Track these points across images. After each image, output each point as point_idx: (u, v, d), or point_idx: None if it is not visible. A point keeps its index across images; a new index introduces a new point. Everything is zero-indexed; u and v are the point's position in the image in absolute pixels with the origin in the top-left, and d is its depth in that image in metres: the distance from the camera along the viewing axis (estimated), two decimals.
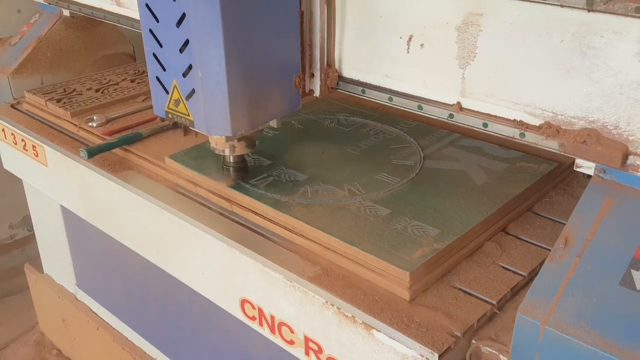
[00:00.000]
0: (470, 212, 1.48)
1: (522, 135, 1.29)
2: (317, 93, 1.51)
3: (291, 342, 1.42)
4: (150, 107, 2.13)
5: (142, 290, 2.07)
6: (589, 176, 1.23)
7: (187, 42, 1.30)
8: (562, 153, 1.25)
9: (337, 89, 1.54)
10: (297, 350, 1.42)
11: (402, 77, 1.46)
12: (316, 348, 1.36)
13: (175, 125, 1.97)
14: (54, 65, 2.47)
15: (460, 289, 1.31)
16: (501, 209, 1.51)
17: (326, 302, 1.30)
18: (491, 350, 1.21)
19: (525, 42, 1.24)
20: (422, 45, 1.39)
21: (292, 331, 1.41)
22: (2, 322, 3.02)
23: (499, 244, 1.46)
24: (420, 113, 1.45)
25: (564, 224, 1.51)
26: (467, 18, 1.30)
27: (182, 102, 1.37)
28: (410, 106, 1.46)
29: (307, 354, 1.39)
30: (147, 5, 1.37)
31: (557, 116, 1.23)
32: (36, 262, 2.69)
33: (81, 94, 2.22)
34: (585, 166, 1.23)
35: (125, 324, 2.25)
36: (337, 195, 1.56)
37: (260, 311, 1.47)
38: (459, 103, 1.37)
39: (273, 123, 1.51)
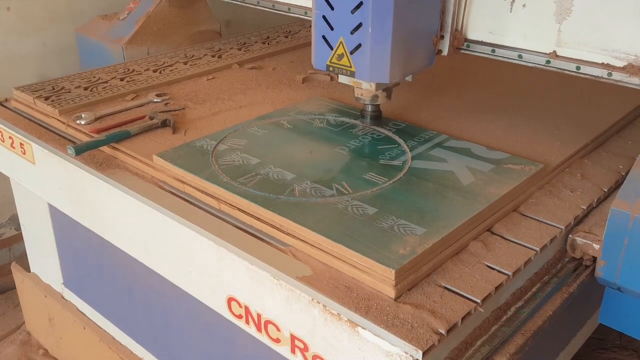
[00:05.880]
0: (457, 212, 1.49)
1: (609, 74, 1.56)
2: (445, 52, 1.80)
3: (277, 340, 1.42)
4: (139, 106, 2.14)
5: (129, 289, 2.06)
6: None
7: (359, 5, 1.60)
8: None
9: (462, 49, 1.82)
10: (283, 349, 1.42)
11: (504, 33, 1.75)
12: (302, 346, 1.37)
13: (164, 124, 1.97)
14: (159, 39, 2.75)
15: (445, 288, 1.32)
16: (487, 209, 1.53)
17: (312, 299, 1.31)
18: (585, 240, 1.51)
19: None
20: (524, 5, 1.68)
21: (278, 329, 1.41)
22: None
23: (485, 243, 1.47)
24: (520, 62, 1.74)
25: (550, 224, 1.54)
26: None
27: (345, 56, 1.68)
28: (512, 56, 1.75)
29: (293, 352, 1.39)
30: None
31: (638, 58, 1.50)
32: (23, 261, 2.67)
33: (70, 91, 2.21)
34: None
35: (112, 323, 2.24)
36: (324, 194, 1.57)
37: (247, 309, 1.47)
38: (554, 52, 1.65)
39: (408, 78, 1.81)
